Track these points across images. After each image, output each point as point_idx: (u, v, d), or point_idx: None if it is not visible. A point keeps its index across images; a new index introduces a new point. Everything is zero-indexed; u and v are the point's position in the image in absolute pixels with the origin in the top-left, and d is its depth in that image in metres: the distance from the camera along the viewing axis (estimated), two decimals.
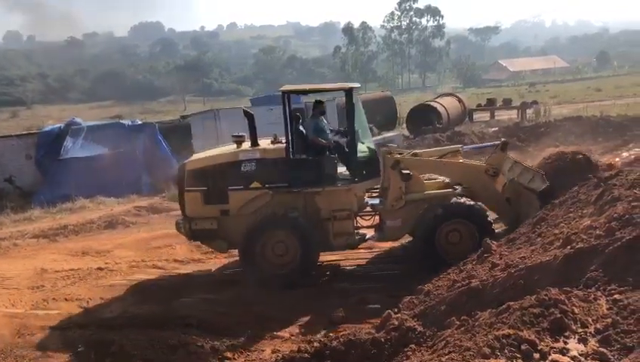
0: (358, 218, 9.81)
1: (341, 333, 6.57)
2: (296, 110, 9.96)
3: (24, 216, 16.05)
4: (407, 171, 9.18)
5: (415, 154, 10.23)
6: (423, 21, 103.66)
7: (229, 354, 6.89)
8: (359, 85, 10.03)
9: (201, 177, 9.32)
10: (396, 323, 5.88)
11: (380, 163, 9.50)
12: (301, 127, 9.58)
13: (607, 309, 4.45)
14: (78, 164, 18.41)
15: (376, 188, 9.96)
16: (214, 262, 10.66)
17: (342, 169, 9.51)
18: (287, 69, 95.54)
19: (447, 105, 27.99)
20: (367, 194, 10.01)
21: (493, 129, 24.49)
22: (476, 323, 4.82)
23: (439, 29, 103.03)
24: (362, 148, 9.57)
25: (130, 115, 44.41)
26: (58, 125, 21.60)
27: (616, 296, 4.55)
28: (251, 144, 9.46)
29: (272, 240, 9.02)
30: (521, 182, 9.37)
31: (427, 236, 8.93)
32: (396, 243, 10.34)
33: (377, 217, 9.86)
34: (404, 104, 37.40)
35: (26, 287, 9.69)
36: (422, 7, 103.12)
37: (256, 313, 8.01)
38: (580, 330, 4.26)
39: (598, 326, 4.29)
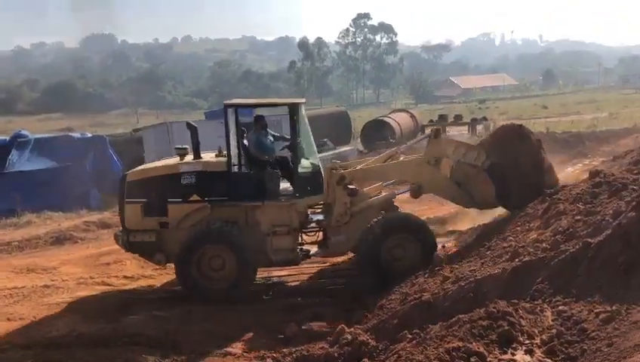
0: (302, 234, 9.73)
1: (294, 349, 6.53)
2: (245, 124, 9.89)
3: None
4: (353, 186, 9.22)
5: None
6: (377, 38, 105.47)
7: None
8: (304, 100, 10.01)
9: (142, 189, 9.21)
10: (349, 337, 5.90)
11: (322, 179, 9.48)
12: (245, 141, 9.53)
13: (553, 320, 4.58)
14: (24, 178, 17.85)
15: (320, 204, 9.89)
16: (165, 278, 10.43)
17: (287, 184, 9.48)
18: (243, 82, 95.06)
19: (400, 120, 28.79)
20: (310, 210, 9.95)
21: None
22: (427, 337, 4.88)
23: (392, 46, 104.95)
24: (306, 164, 9.55)
25: (80, 128, 43.33)
26: (3, 138, 20.88)
27: (560, 307, 4.69)
28: (194, 157, 9.39)
29: (208, 254, 8.90)
30: (467, 162, 9.46)
31: (371, 257, 8.89)
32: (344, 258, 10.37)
33: (321, 233, 9.76)
34: (359, 119, 37.82)
35: None
36: (376, 24, 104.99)
37: (207, 329, 7.86)
38: (526, 342, 4.37)
39: (543, 337, 4.41)
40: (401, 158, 10.35)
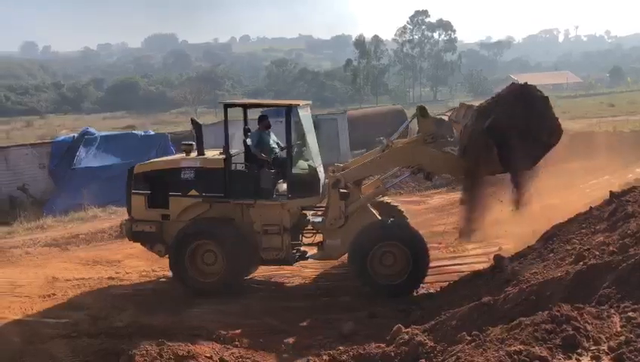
0: (299, 235, 9.85)
1: (351, 347, 6.54)
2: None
3: (36, 225, 16.17)
4: (345, 190, 9.21)
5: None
6: (435, 35, 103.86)
7: None
8: (307, 103, 10.18)
9: (146, 181, 9.65)
10: (406, 337, 5.84)
11: (320, 182, 9.54)
12: (248, 140, 9.74)
13: (621, 327, 4.40)
14: (91, 174, 18.57)
15: (321, 207, 9.90)
16: None
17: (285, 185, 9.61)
18: (299, 81, 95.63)
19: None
20: (312, 212, 10.07)
21: None
22: (487, 339, 4.78)
23: (451, 43, 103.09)
24: (302, 166, 9.71)
25: (142, 126, 44.64)
26: (72, 135, 21.83)
27: (629, 314, 4.51)
28: (197, 153, 9.74)
29: (201, 248, 9.26)
30: (469, 124, 9.09)
31: (359, 263, 8.91)
32: None
33: (319, 236, 9.82)
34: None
35: (37, 295, 9.73)
36: (434, 21, 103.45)
37: (265, 325, 7.99)
38: (592, 347, 4.22)
39: (611, 343, 4.25)
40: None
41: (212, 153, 9.80)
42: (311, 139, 9.80)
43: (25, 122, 65.50)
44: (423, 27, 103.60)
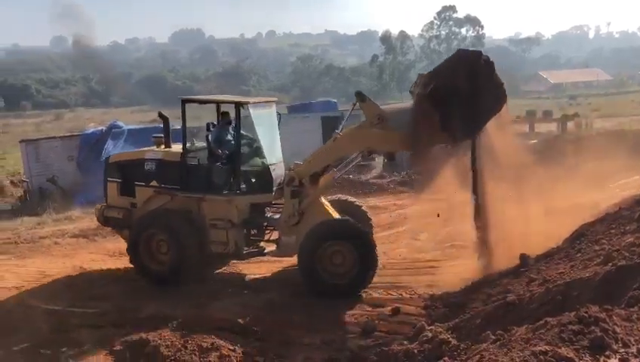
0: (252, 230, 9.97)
1: (373, 344, 6.53)
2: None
3: (65, 216, 16.48)
4: (294, 189, 9.29)
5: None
6: (463, 31, 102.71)
7: (260, 360, 6.91)
8: (272, 100, 10.46)
9: (118, 170, 10.34)
10: (430, 335, 5.81)
11: (274, 180, 9.66)
12: (209, 136, 9.98)
13: None
14: None
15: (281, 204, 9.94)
16: (248, 267, 10.71)
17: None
18: (324, 77, 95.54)
19: None
20: (273, 208, 10.16)
21: (532, 141, 24.03)
22: (512, 338, 4.72)
23: (479, 39, 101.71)
24: (256, 163, 9.86)
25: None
26: (100, 128, 22.14)
27: None
28: (164, 146, 10.23)
29: (155, 237, 9.61)
30: (417, 91, 8.98)
31: (306, 262, 8.90)
32: None
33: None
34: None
35: (64, 285, 9.93)
36: (462, 16, 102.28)
37: (288, 319, 8.03)
38: (621, 350, 4.14)
39: None
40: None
41: (178, 147, 10.08)
42: (268, 136, 9.94)
43: (55, 115, 66.71)
44: (451, 23, 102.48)
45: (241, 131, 9.96)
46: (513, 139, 10.13)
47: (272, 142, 10.01)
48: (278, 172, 9.80)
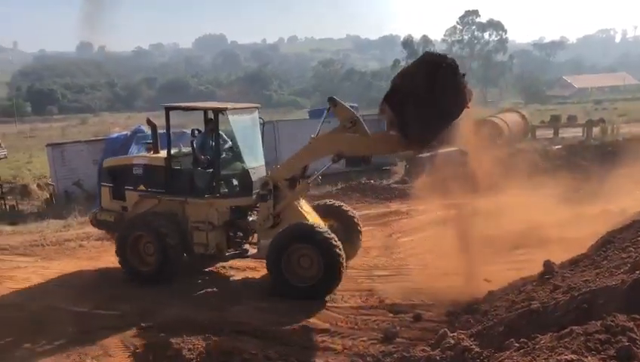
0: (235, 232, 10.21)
1: (395, 350, 6.49)
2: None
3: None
4: (264, 193, 9.54)
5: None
6: (486, 35, 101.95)
7: None
8: (255, 106, 10.65)
9: (110, 175, 10.81)
10: (452, 341, 5.76)
11: (254, 183, 9.89)
12: (194, 142, 10.22)
13: None
14: None
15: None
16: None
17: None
18: (346, 82, 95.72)
19: (508, 121, 27.32)
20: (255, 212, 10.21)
21: (557, 146, 23.74)
22: (536, 346, 4.66)
23: (502, 44, 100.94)
24: (236, 167, 10.13)
25: (192, 124, 45.52)
26: (124, 132, 22.40)
27: None
28: (153, 151, 10.75)
29: (142, 239, 9.97)
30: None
31: (273, 264, 9.03)
32: None
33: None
34: (465, 119, 36.71)
35: (89, 287, 10.07)
36: (484, 21, 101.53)
37: (309, 324, 8.02)
38: None
39: None
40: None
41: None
42: (249, 140, 10.21)
43: (80, 119, 67.88)
44: (473, 27, 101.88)
45: (225, 137, 10.32)
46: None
47: (252, 146, 10.35)
48: (259, 175, 10.05)
